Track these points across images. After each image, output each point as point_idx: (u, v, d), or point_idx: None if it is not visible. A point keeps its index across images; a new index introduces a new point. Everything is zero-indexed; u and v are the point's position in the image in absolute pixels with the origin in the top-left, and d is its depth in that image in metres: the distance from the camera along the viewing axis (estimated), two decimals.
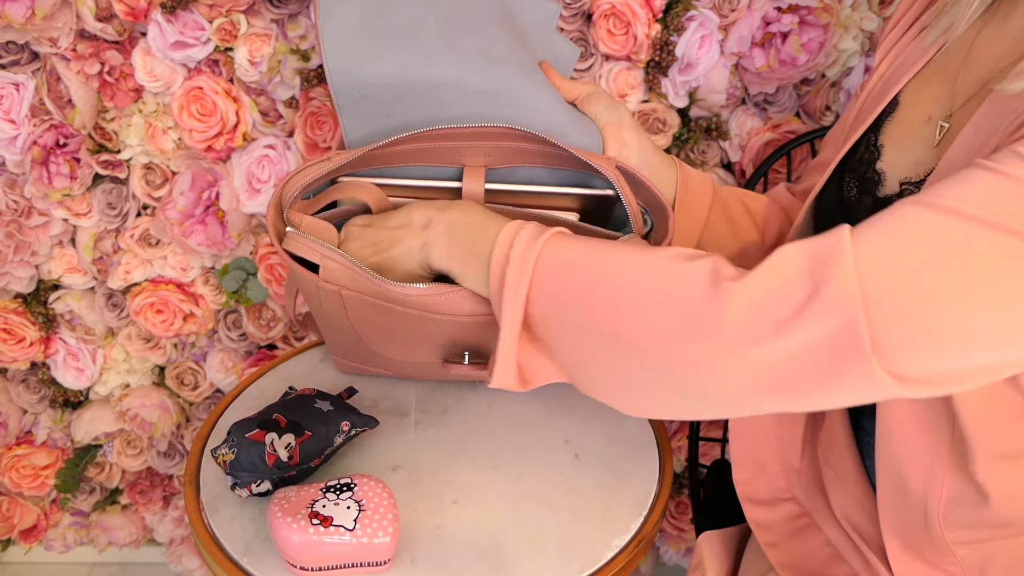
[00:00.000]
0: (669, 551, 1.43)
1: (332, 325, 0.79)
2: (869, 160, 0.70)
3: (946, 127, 0.65)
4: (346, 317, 0.76)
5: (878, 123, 0.71)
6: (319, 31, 0.76)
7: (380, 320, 0.74)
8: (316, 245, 0.72)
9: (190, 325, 1.20)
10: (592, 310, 0.58)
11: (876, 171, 0.69)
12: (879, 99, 0.71)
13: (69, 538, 1.46)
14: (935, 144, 0.65)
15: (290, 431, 0.73)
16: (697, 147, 1.09)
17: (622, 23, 0.99)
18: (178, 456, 1.34)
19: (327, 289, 0.73)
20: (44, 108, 1.05)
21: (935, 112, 0.67)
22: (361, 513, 0.66)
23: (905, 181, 0.65)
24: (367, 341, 0.79)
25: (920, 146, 0.67)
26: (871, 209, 0.67)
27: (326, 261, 0.71)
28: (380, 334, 0.78)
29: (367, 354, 0.83)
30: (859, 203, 0.69)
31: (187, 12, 0.99)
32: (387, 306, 0.72)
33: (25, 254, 1.13)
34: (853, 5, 1.02)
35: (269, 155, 1.07)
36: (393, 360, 0.83)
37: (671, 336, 0.55)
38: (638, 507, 0.75)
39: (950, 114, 0.65)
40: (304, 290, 0.76)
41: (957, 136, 0.59)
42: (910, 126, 0.68)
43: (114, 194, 1.12)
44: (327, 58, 0.76)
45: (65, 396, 1.29)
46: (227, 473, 0.72)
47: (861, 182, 0.70)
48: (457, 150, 0.79)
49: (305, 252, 0.72)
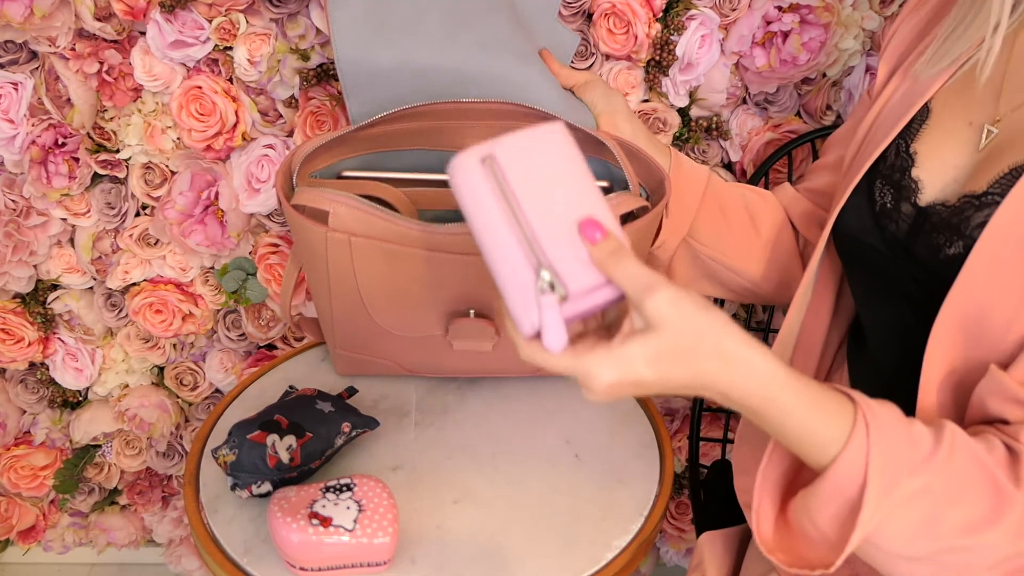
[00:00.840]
0: (669, 551, 1.43)
1: (337, 298, 0.79)
2: (903, 167, 0.69)
3: (995, 132, 0.64)
4: (353, 277, 0.76)
5: (908, 130, 0.70)
6: (329, 19, 0.80)
7: (387, 273, 0.75)
8: (326, 192, 0.73)
9: (189, 325, 1.19)
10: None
11: (912, 178, 0.68)
12: (906, 106, 0.71)
13: (68, 539, 1.45)
14: (980, 148, 0.65)
15: (291, 432, 0.73)
16: (698, 147, 1.09)
17: (622, 22, 0.99)
18: (177, 456, 1.34)
19: (335, 240, 0.73)
20: (43, 107, 1.05)
21: (977, 117, 0.66)
22: (361, 513, 0.66)
23: (966, 194, 0.64)
24: (372, 310, 0.79)
25: (960, 151, 0.66)
26: (914, 217, 0.67)
27: (335, 206, 0.72)
28: (386, 296, 0.78)
29: (370, 337, 0.83)
30: (896, 210, 0.69)
31: (186, 11, 0.99)
32: (396, 250, 0.72)
33: (24, 254, 1.13)
34: (854, 4, 1.02)
35: (268, 155, 1.06)
36: (396, 344, 0.83)
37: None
38: (638, 507, 0.75)
39: (997, 119, 0.65)
40: (311, 257, 0.76)
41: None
42: (949, 132, 0.68)
43: (113, 194, 1.12)
44: (336, 45, 0.80)
45: (64, 396, 1.29)
46: (228, 474, 0.72)
47: (896, 189, 0.69)
48: (459, 131, 0.81)
49: (315, 201, 0.73)
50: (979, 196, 0.63)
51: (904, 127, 0.70)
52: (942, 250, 0.64)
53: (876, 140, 0.73)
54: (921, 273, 0.67)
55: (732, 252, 0.86)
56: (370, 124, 0.79)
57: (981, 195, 0.63)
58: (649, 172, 0.79)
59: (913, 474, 0.54)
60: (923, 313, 0.68)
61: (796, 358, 0.84)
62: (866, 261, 0.74)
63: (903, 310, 0.71)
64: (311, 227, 0.73)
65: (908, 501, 0.54)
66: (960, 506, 0.55)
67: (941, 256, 0.64)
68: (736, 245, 0.86)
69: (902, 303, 0.71)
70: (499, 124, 0.81)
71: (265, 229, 1.15)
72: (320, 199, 0.72)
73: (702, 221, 0.85)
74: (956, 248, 0.63)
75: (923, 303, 0.68)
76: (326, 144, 0.80)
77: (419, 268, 0.73)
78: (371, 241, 0.72)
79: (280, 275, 1.15)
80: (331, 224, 0.72)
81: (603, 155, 0.82)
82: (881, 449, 0.54)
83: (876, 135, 0.73)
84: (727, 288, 0.90)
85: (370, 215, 0.71)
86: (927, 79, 0.70)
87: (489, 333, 0.78)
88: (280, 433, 0.72)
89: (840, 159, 0.83)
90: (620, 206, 0.72)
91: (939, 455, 0.55)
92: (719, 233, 0.86)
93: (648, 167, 0.79)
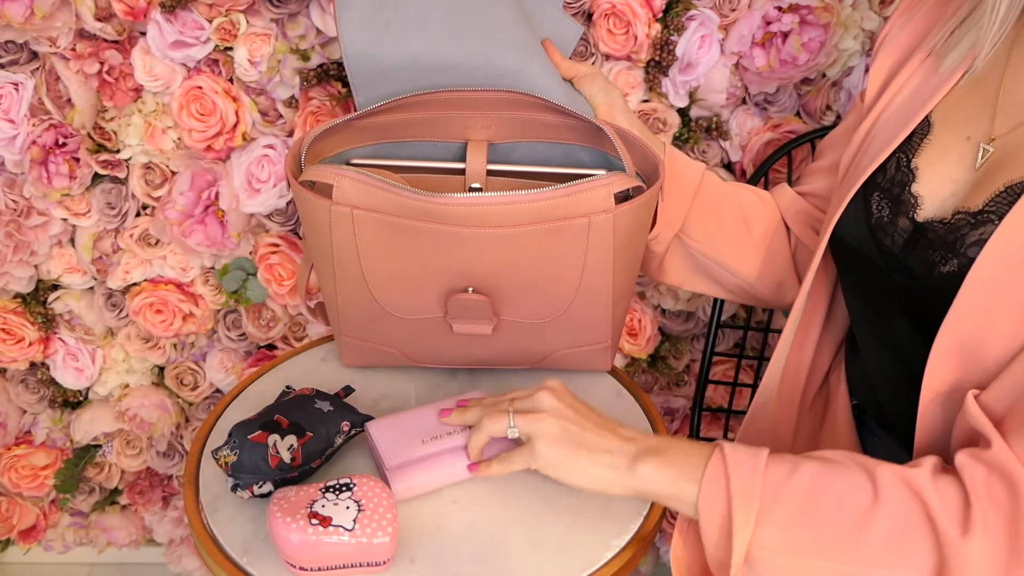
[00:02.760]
0: (669, 551, 1.42)
1: (341, 279, 0.80)
2: (902, 182, 0.69)
3: (990, 151, 0.64)
4: (356, 254, 0.77)
5: (908, 143, 0.70)
6: (337, 18, 0.82)
7: (388, 249, 0.76)
8: (332, 167, 0.75)
9: (189, 325, 1.20)
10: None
11: (912, 194, 0.68)
12: (906, 118, 0.70)
13: (68, 538, 1.46)
14: (976, 167, 0.64)
15: (292, 432, 0.73)
16: (697, 147, 1.09)
17: (622, 23, 0.99)
18: (177, 456, 1.34)
19: (338, 214, 0.74)
20: (43, 108, 1.05)
21: (974, 132, 0.66)
22: (360, 513, 0.66)
23: (961, 210, 0.64)
24: (375, 290, 0.80)
25: (958, 166, 0.66)
26: (911, 232, 0.67)
27: (339, 179, 0.74)
28: (388, 274, 0.79)
29: (374, 321, 0.84)
30: (892, 224, 0.69)
31: (186, 11, 0.99)
32: (396, 223, 0.74)
33: (24, 254, 1.13)
34: (854, 4, 1.02)
35: (269, 155, 1.07)
36: (399, 329, 0.84)
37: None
38: (637, 507, 0.75)
39: (992, 137, 0.64)
40: (317, 237, 0.78)
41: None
42: (948, 148, 0.67)
43: (113, 194, 1.12)
44: (344, 45, 0.82)
45: (64, 396, 1.29)
46: (229, 475, 0.72)
47: (894, 204, 0.69)
48: (462, 121, 0.84)
49: (320, 175, 0.75)
50: (975, 214, 0.62)
51: (904, 140, 0.70)
52: (936, 267, 0.64)
53: (874, 150, 0.72)
54: (917, 287, 0.66)
55: (724, 249, 0.86)
56: (379, 110, 0.81)
57: (976, 213, 0.62)
58: (645, 159, 0.80)
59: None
60: (916, 326, 0.68)
61: (789, 361, 0.84)
62: (861, 271, 0.74)
63: (896, 322, 0.70)
64: (316, 201, 0.75)
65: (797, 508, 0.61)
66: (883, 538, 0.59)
67: (935, 274, 0.64)
68: (727, 242, 0.86)
69: (895, 315, 0.70)
70: (505, 114, 0.83)
71: (265, 229, 1.15)
72: (325, 173, 0.75)
73: (694, 216, 0.85)
74: (951, 267, 0.62)
75: (916, 317, 0.68)
76: (335, 132, 0.82)
77: (418, 242, 0.75)
78: (372, 214, 0.74)
79: (280, 275, 1.15)
80: (335, 197, 0.74)
81: (601, 144, 0.83)
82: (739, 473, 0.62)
83: (873, 145, 0.73)
84: (722, 287, 0.90)
85: (372, 186, 0.73)
86: (930, 86, 0.69)
87: (487, 311, 0.79)
88: (281, 433, 0.72)
89: (836, 163, 0.83)
90: (615, 185, 0.73)
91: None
92: (710, 229, 0.86)
93: (644, 153, 0.80)
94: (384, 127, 0.85)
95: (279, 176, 1.07)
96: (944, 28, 0.69)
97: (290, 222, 1.14)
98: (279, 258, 1.14)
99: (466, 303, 0.78)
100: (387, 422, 0.78)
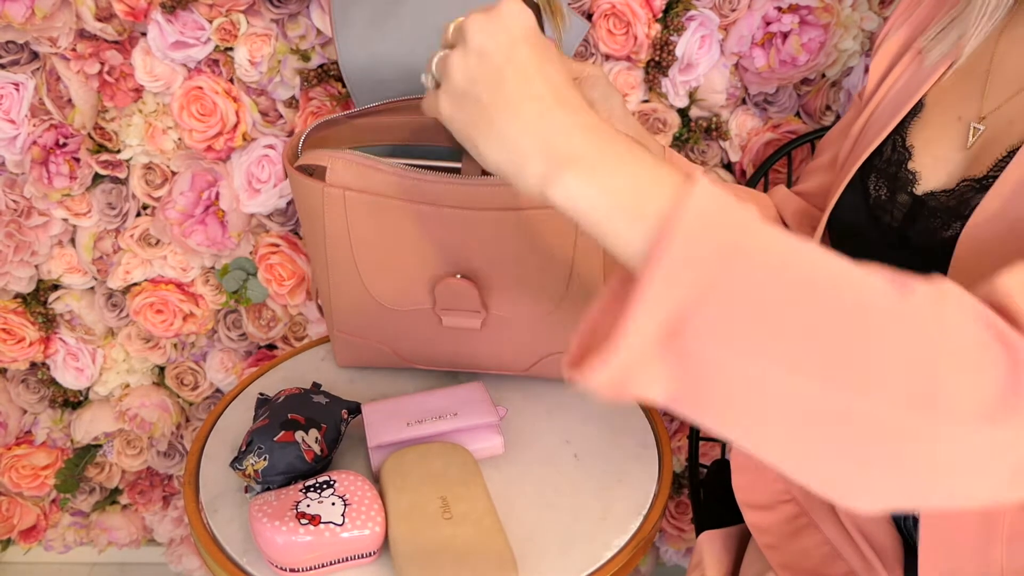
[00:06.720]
0: (669, 551, 1.43)
1: (334, 267, 0.81)
2: (899, 161, 0.70)
3: (980, 129, 0.65)
4: (347, 238, 0.78)
5: (902, 125, 0.71)
6: (335, 37, 0.84)
7: (378, 232, 0.77)
8: (326, 151, 0.77)
9: (190, 325, 1.20)
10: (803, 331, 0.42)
11: (909, 170, 0.69)
12: (900, 104, 0.71)
13: (69, 538, 1.46)
14: (967, 146, 0.66)
15: (311, 427, 0.74)
16: (697, 147, 1.09)
17: (622, 23, 0.99)
18: (178, 456, 1.34)
19: (331, 196, 0.76)
20: (44, 108, 1.05)
21: (965, 112, 0.67)
22: (347, 507, 0.67)
23: (967, 178, 0.64)
24: (365, 277, 0.81)
25: (950, 145, 0.67)
26: (910, 206, 0.68)
27: (333, 161, 0.76)
28: (377, 260, 0.80)
29: (366, 314, 0.85)
30: (891, 201, 0.69)
31: (187, 12, 0.99)
32: (385, 203, 0.75)
33: (25, 254, 1.13)
34: (853, 5, 1.02)
35: (269, 155, 1.07)
36: (390, 323, 0.85)
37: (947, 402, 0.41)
38: (638, 507, 0.75)
39: (982, 116, 0.66)
40: (311, 223, 0.79)
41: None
42: (940, 127, 0.69)
43: (114, 194, 1.12)
44: (343, 61, 0.84)
45: (65, 396, 1.29)
46: (258, 482, 0.72)
47: (892, 181, 0.70)
48: None
49: (315, 158, 0.76)
50: (980, 179, 0.63)
51: (900, 123, 0.71)
52: (938, 233, 0.64)
53: (870, 136, 0.73)
54: (916, 260, 0.67)
55: None
56: (379, 109, 0.82)
57: (982, 178, 0.63)
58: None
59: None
60: None
61: None
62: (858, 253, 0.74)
63: None
64: (310, 184, 0.76)
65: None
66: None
67: (936, 239, 0.64)
68: None
69: None
70: None
71: (265, 229, 1.15)
72: (320, 156, 0.76)
73: None
74: (952, 230, 0.63)
75: None
76: (333, 130, 0.83)
77: (408, 224, 0.76)
78: (364, 196, 0.75)
79: (280, 275, 1.15)
80: (328, 179, 0.76)
81: None
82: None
83: (870, 132, 0.74)
84: None
85: (366, 166, 0.75)
86: (923, 73, 0.71)
87: (475, 299, 0.79)
88: (304, 429, 0.73)
89: (834, 159, 0.83)
90: None
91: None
92: None
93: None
94: (383, 128, 0.85)
95: (279, 176, 1.07)
96: (937, 25, 0.70)
97: (290, 222, 1.14)
98: (279, 258, 1.14)
99: (454, 288, 0.79)
100: (380, 405, 0.81)
